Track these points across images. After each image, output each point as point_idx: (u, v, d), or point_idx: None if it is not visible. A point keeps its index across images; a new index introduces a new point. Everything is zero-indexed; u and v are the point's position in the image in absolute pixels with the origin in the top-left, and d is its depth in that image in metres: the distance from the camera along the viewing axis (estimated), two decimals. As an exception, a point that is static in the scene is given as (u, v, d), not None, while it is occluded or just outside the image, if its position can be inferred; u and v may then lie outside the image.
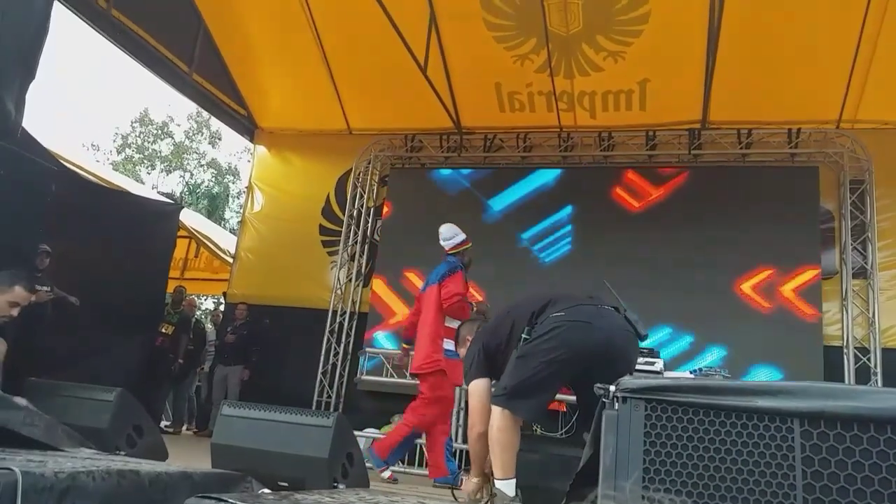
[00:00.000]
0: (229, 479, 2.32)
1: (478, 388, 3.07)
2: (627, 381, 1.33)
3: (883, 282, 7.07)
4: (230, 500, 1.45)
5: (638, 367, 5.07)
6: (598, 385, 1.38)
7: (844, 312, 7.14)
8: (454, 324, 4.74)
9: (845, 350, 7.03)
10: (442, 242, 5.22)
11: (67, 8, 6.89)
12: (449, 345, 4.73)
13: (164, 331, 8.18)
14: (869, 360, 6.90)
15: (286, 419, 3.26)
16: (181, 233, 9.44)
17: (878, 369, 6.81)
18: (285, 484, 3.03)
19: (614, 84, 7.82)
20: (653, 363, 5.36)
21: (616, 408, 1.32)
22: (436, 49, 7.65)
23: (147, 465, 2.12)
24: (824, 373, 6.74)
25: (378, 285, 8.45)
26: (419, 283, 6.78)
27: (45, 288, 6.34)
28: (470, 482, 3.18)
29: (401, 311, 8.10)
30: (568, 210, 8.08)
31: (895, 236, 7.21)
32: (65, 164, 7.21)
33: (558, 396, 5.78)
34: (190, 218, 10.68)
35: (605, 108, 8.10)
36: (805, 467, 1.20)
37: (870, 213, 7.26)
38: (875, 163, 7.34)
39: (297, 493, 1.84)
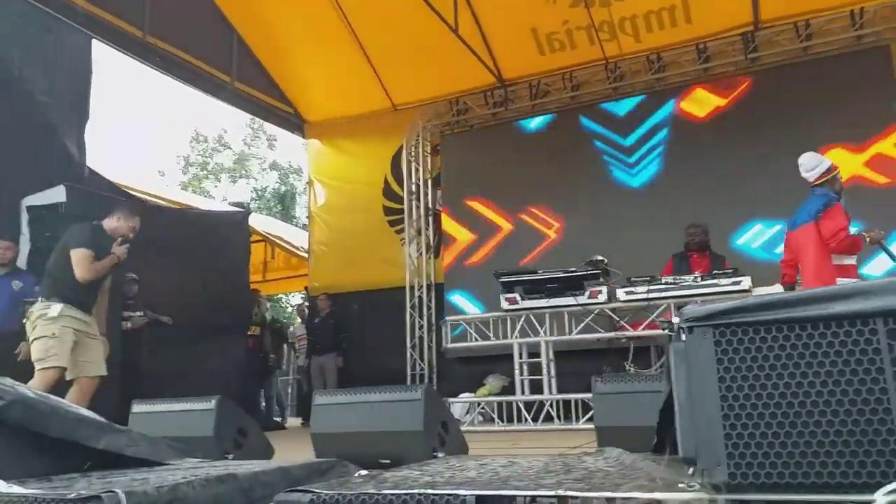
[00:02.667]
0: (326, 466, 2.38)
1: None
2: (690, 309, 1.26)
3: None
4: (316, 490, 1.48)
5: (722, 287, 4.86)
6: (661, 319, 1.32)
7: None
8: (849, 259, 4.22)
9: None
10: (804, 174, 4.52)
11: (106, 44, 7.12)
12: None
13: (252, 332, 8.50)
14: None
15: (376, 399, 3.31)
16: (254, 237, 9.71)
17: None
18: (388, 461, 3.09)
19: (654, 2, 7.46)
20: (739, 282, 5.05)
21: (683, 339, 1.25)
22: (464, 6, 7.49)
23: (245, 467, 2.19)
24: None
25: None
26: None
27: (138, 313, 6.67)
28: None
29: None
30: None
31: None
32: (132, 192, 7.51)
33: (639, 332, 5.65)
34: (260, 222, 10.98)
35: (650, 30, 7.75)
36: (895, 368, 1.11)
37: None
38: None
39: (385, 472, 1.87)
